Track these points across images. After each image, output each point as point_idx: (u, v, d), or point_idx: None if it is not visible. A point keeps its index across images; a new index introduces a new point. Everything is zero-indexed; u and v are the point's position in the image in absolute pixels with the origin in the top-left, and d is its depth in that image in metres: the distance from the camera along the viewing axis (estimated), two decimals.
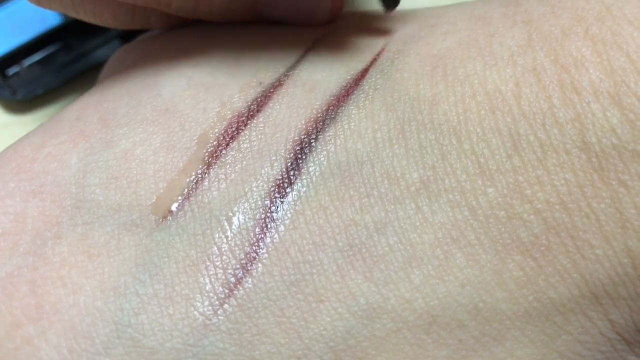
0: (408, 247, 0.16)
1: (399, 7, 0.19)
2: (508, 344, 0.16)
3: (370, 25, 0.19)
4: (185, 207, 0.16)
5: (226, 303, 0.16)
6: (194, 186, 0.17)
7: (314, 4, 0.19)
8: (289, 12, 0.19)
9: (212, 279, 0.16)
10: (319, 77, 0.18)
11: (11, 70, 0.26)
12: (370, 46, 0.18)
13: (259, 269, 0.16)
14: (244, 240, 0.16)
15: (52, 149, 0.18)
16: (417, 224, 0.16)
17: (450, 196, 0.16)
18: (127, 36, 0.27)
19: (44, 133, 0.18)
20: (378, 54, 0.18)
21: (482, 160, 0.16)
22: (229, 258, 0.16)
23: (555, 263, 0.15)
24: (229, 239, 0.16)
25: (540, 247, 0.15)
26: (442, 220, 0.16)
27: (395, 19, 0.19)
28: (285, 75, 0.18)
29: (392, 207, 0.16)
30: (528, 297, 0.15)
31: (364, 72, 0.18)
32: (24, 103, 0.28)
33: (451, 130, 0.16)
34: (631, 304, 0.16)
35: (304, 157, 0.16)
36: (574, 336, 0.16)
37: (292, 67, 0.18)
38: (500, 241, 0.15)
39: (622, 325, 0.16)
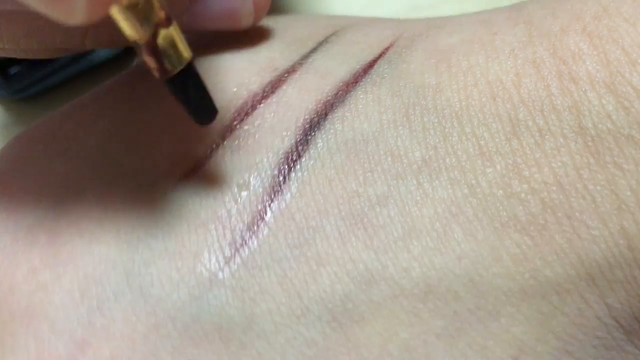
0: (408, 220, 0.16)
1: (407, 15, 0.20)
2: (503, 320, 0.16)
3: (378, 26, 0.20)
4: (199, 173, 0.17)
5: (232, 261, 0.16)
6: (208, 154, 0.18)
7: (236, 12, 0.19)
8: (214, 22, 0.19)
9: (220, 239, 0.17)
10: (331, 65, 0.19)
11: (12, 70, 0.26)
12: (380, 42, 0.19)
13: (265, 231, 0.16)
14: (252, 205, 0.17)
15: (79, 118, 0.19)
16: (418, 198, 0.16)
17: (451, 174, 0.16)
18: None
19: (72, 106, 0.20)
20: (387, 48, 0.19)
21: (482, 142, 0.16)
22: (237, 220, 0.17)
23: (552, 242, 0.16)
24: (238, 203, 0.17)
25: (537, 226, 0.16)
26: (442, 196, 0.16)
27: (404, 23, 0.21)
28: (299, 63, 0.19)
29: (395, 182, 0.17)
30: (524, 274, 0.16)
31: (372, 63, 0.19)
32: (24, 103, 0.28)
33: (453, 114, 0.17)
34: (627, 288, 0.16)
35: (313, 133, 0.18)
36: (570, 318, 0.16)
37: (306, 56, 0.19)
38: (498, 219, 0.16)
39: (618, 311, 0.16)
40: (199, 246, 0.17)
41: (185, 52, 0.14)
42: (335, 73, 0.19)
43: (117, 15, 0.13)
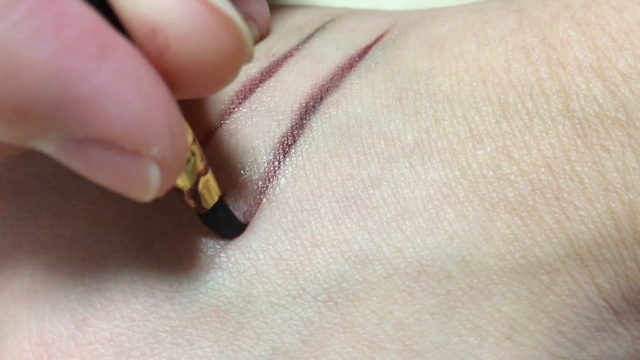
0: (401, 201, 0.17)
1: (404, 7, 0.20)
2: (495, 299, 0.16)
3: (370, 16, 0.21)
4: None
5: (228, 245, 0.17)
6: (207, 137, 0.18)
7: None
8: None
9: None
10: (327, 50, 0.19)
11: None
12: (375, 29, 0.20)
13: (260, 216, 0.17)
14: (248, 190, 0.17)
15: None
16: (410, 180, 0.17)
17: (442, 156, 0.17)
18: None
19: None
20: (381, 35, 0.20)
21: (472, 125, 0.17)
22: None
23: (541, 222, 0.16)
24: (235, 188, 0.17)
25: (526, 207, 0.16)
26: (433, 177, 0.17)
27: (400, 13, 0.21)
28: (296, 48, 0.19)
29: (387, 164, 0.17)
30: (515, 253, 0.16)
31: (367, 49, 0.19)
32: None
33: (445, 98, 0.17)
34: (616, 268, 0.16)
35: (308, 117, 0.18)
36: (561, 298, 0.16)
37: (303, 42, 0.20)
38: (489, 199, 0.16)
39: (608, 291, 0.16)
40: (196, 229, 0.17)
41: (218, 191, 0.16)
42: (331, 58, 0.19)
43: None
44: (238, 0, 0.20)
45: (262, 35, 0.21)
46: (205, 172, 0.16)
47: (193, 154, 0.15)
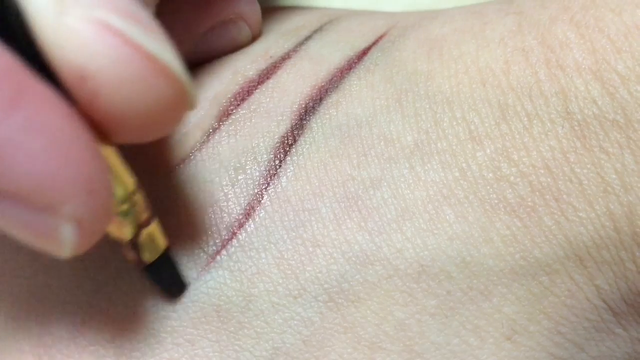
0: (401, 202, 0.17)
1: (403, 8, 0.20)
2: (495, 300, 0.16)
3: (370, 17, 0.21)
4: (197, 157, 0.18)
5: (229, 244, 0.17)
6: (205, 139, 0.18)
7: (236, 40, 0.20)
8: (219, 53, 0.20)
9: (218, 222, 0.17)
10: (325, 52, 0.19)
11: None
12: (374, 31, 0.20)
13: (261, 214, 0.17)
14: (249, 188, 0.17)
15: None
16: (410, 181, 0.17)
17: (442, 158, 0.17)
18: None
19: None
20: (380, 37, 0.20)
21: (472, 127, 0.17)
22: (234, 204, 0.17)
23: (541, 224, 0.16)
24: (235, 186, 0.17)
25: (526, 208, 0.16)
26: (433, 179, 0.17)
27: (399, 14, 0.21)
28: (294, 50, 0.19)
29: (387, 165, 0.17)
30: (514, 255, 0.16)
31: (366, 50, 0.19)
32: None
33: (444, 100, 0.17)
34: (615, 269, 0.16)
35: (307, 118, 0.18)
36: (560, 299, 0.16)
37: (301, 43, 0.20)
38: (488, 201, 0.16)
39: (607, 292, 0.16)
40: (197, 229, 0.17)
41: (162, 243, 0.16)
42: (329, 59, 0.19)
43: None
44: (228, 1, 0.20)
45: (254, 36, 0.21)
46: (148, 223, 0.15)
47: (134, 204, 0.14)
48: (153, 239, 0.15)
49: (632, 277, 0.16)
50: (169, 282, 0.16)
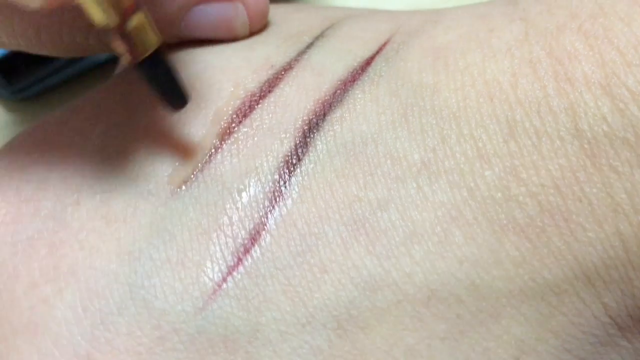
0: (409, 224, 0.16)
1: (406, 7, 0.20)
2: (504, 322, 0.16)
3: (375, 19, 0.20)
4: (199, 179, 0.17)
5: (235, 270, 0.16)
6: (207, 159, 0.17)
7: (230, 21, 0.20)
8: (209, 32, 0.20)
9: (222, 247, 0.16)
10: (328, 62, 0.19)
11: (11, 71, 0.26)
12: (376, 37, 0.19)
13: (267, 239, 0.16)
14: (253, 211, 0.17)
15: (75, 123, 0.19)
16: (418, 202, 0.16)
17: (450, 177, 0.17)
18: None
19: (68, 111, 0.19)
20: (383, 44, 0.19)
21: (480, 144, 0.17)
22: (239, 228, 0.17)
23: (550, 244, 0.16)
24: (240, 209, 0.17)
25: (535, 229, 0.16)
26: (441, 199, 0.16)
27: (401, 15, 0.21)
28: (295, 60, 0.19)
29: (395, 185, 0.17)
30: (523, 276, 0.16)
31: (369, 60, 0.19)
32: (24, 103, 0.27)
33: (451, 115, 0.17)
34: (623, 288, 0.16)
35: (312, 135, 0.17)
36: (568, 318, 0.16)
37: (303, 52, 0.19)
38: (497, 221, 0.16)
39: (614, 309, 0.16)
40: (202, 255, 0.16)
41: (155, 36, 0.15)
42: (332, 70, 0.18)
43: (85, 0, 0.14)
44: None
45: (251, 29, 0.20)
46: (134, 10, 0.14)
47: None
48: (143, 28, 0.14)
49: (639, 295, 0.16)
50: (168, 88, 0.15)
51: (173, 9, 0.19)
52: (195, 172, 0.17)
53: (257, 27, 0.20)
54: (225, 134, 0.18)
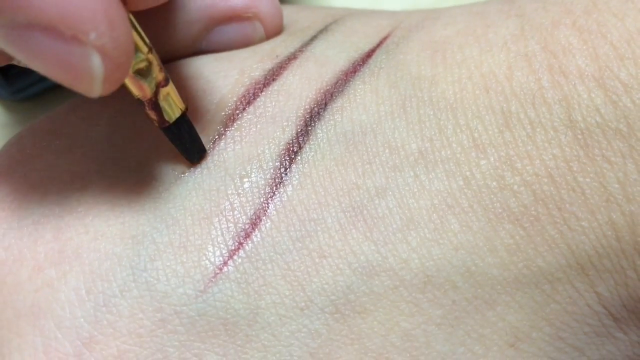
0: (406, 211, 0.17)
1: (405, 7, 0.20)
2: (499, 309, 0.17)
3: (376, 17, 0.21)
4: (202, 165, 0.18)
5: (236, 254, 0.17)
6: (211, 146, 0.18)
7: (249, 38, 0.20)
8: (228, 48, 0.20)
9: (224, 232, 0.17)
10: (330, 53, 0.19)
11: (11, 71, 0.26)
12: (378, 31, 0.20)
13: (267, 224, 0.17)
14: (254, 197, 0.17)
15: (83, 112, 0.19)
16: (415, 190, 0.17)
17: (446, 166, 0.17)
18: None
19: (75, 100, 0.20)
20: (384, 38, 0.19)
21: (476, 134, 0.17)
22: (240, 213, 0.17)
23: (544, 233, 0.16)
24: (241, 195, 0.17)
25: (529, 217, 0.16)
26: (438, 188, 0.17)
27: (401, 14, 0.21)
28: (300, 51, 0.19)
29: (392, 174, 0.17)
30: (518, 264, 0.16)
31: (370, 52, 0.19)
32: (24, 103, 0.27)
33: (448, 106, 0.17)
34: (616, 277, 0.16)
35: (313, 124, 0.18)
36: (562, 306, 0.17)
37: (307, 43, 0.20)
38: (492, 210, 0.17)
39: (608, 299, 0.17)
40: (204, 240, 0.17)
41: (180, 104, 0.17)
42: (334, 61, 0.19)
43: (126, 81, 0.16)
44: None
45: (267, 36, 0.20)
46: (165, 84, 0.17)
47: (150, 63, 0.16)
48: (171, 99, 0.17)
49: (632, 285, 0.17)
50: (189, 144, 0.17)
51: (194, 31, 0.20)
52: None
53: (272, 35, 0.21)
54: (229, 120, 0.18)
